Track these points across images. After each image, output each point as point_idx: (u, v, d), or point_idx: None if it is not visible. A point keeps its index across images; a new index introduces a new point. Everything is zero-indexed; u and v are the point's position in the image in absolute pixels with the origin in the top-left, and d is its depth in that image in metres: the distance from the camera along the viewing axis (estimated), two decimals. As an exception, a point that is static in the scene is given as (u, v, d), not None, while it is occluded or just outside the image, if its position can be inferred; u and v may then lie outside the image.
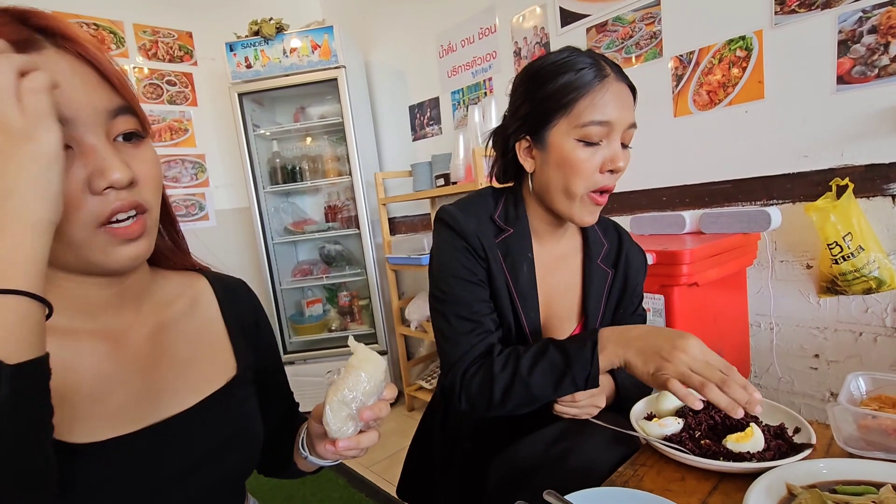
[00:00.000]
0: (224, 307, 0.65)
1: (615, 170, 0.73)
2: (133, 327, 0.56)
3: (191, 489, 0.54)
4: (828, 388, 1.48)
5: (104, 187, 0.44)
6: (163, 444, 0.53)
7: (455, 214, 0.80)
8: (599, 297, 0.86)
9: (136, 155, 0.49)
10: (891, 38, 1.26)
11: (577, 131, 0.72)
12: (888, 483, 0.51)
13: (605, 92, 0.71)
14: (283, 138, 2.78)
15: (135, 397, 0.53)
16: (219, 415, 0.58)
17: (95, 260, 0.47)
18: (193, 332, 0.61)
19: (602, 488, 0.61)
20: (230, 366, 0.63)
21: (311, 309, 2.85)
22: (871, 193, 1.33)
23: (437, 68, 2.51)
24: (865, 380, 0.67)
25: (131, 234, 0.47)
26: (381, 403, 0.55)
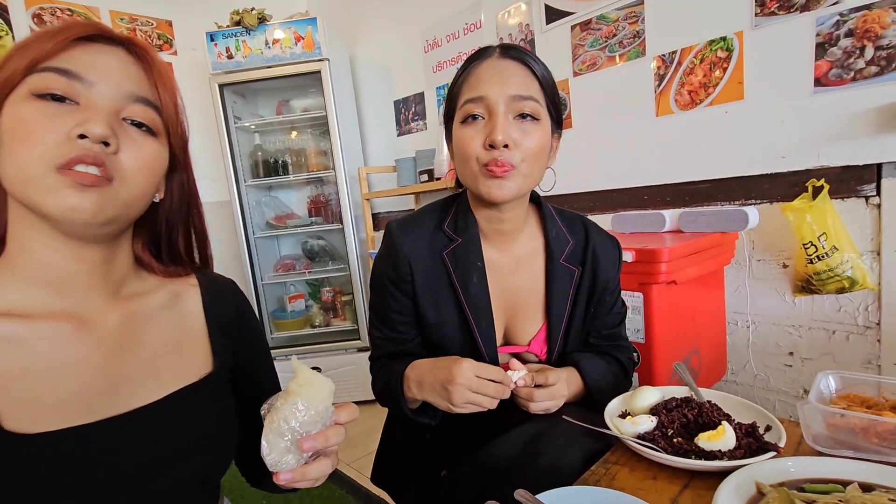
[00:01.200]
0: (207, 304, 0.64)
1: (493, 143, 0.71)
2: (103, 312, 0.54)
3: (153, 488, 0.52)
4: (801, 385, 1.50)
5: (78, 133, 0.46)
6: (122, 438, 0.50)
7: (394, 233, 0.83)
8: (565, 297, 0.85)
9: (136, 138, 0.51)
10: (867, 41, 1.28)
11: (460, 114, 0.74)
12: (855, 482, 0.52)
13: (481, 70, 0.73)
14: (266, 131, 2.74)
15: (94, 386, 0.51)
16: (187, 412, 0.56)
17: (38, 198, 0.46)
18: (170, 324, 0.60)
19: (574, 487, 0.61)
20: (205, 363, 0.61)
21: (294, 304, 2.82)
22: (846, 195, 1.36)
23: (422, 63, 2.49)
24: (835, 378, 0.68)
25: (80, 179, 0.46)
26: (330, 431, 0.51)
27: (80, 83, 0.47)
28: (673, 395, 0.76)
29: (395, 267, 0.81)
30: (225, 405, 0.61)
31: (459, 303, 0.81)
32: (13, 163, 0.46)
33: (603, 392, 0.83)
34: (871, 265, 1.34)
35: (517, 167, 0.72)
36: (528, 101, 0.72)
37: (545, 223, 0.86)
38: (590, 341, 0.90)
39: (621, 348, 0.92)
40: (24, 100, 0.46)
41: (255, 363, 0.71)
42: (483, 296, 0.81)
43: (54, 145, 0.46)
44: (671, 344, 1.26)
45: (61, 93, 0.47)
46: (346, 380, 2.55)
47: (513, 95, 0.71)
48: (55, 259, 0.51)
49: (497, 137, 0.70)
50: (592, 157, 1.88)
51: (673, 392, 0.78)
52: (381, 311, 0.87)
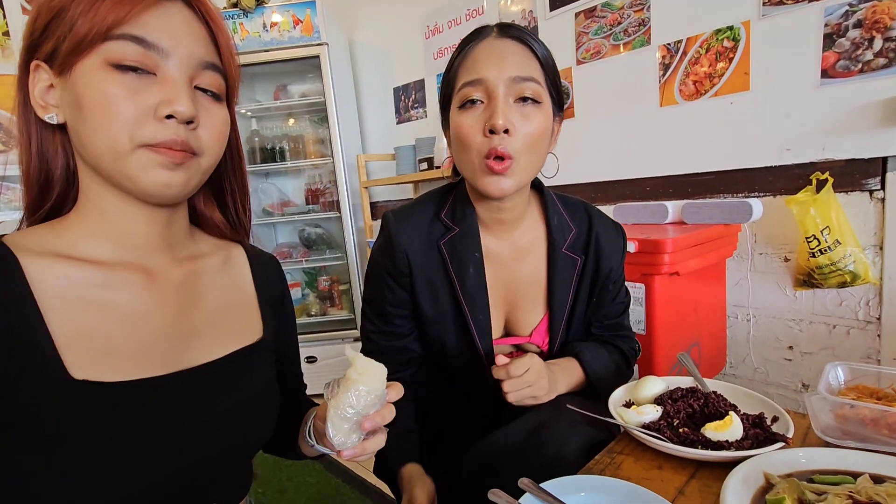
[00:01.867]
0: (256, 274, 0.66)
1: (493, 128, 0.67)
2: (168, 269, 0.56)
3: (207, 447, 0.53)
4: (801, 379, 1.50)
5: (166, 114, 0.47)
6: (190, 392, 0.52)
7: (391, 224, 0.80)
8: (567, 287, 0.82)
9: (208, 108, 0.52)
10: (875, 32, 1.27)
11: (457, 98, 0.71)
12: (865, 473, 0.51)
13: (478, 51, 0.70)
14: (263, 116, 2.70)
15: (166, 339, 0.53)
16: (243, 373, 0.58)
17: (131, 174, 0.48)
18: (225, 287, 0.62)
19: (578, 476, 0.60)
20: (256, 328, 0.63)
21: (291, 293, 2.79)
22: (850, 188, 1.35)
23: (422, 49, 2.45)
24: (844, 370, 0.67)
25: (171, 157, 0.48)
26: (385, 410, 0.54)
27: (157, 53, 0.47)
28: (678, 386, 0.75)
29: (393, 259, 0.79)
30: (271, 372, 0.63)
31: (455, 295, 0.79)
32: (101, 138, 0.47)
33: (604, 382, 0.81)
34: (873, 259, 1.34)
35: (516, 158, 0.69)
36: (529, 82, 0.69)
37: (547, 211, 0.83)
38: (592, 331, 0.88)
39: (624, 338, 0.91)
40: (101, 70, 0.46)
41: (289, 342, 0.73)
42: (480, 287, 0.79)
43: (142, 123, 0.47)
44: (672, 336, 1.25)
45: (139, 64, 0.47)
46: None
47: (513, 77, 0.68)
48: (128, 221, 0.53)
49: (497, 122, 0.66)
50: (594, 147, 1.86)
51: (678, 382, 0.77)
52: (377, 304, 0.84)
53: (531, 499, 0.55)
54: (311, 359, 2.53)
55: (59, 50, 0.46)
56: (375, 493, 1.69)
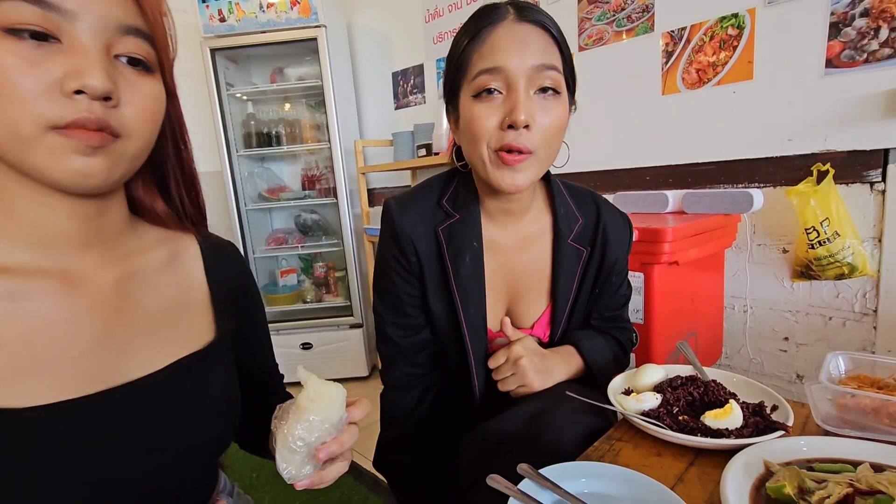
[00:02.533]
0: (209, 267, 0.59)
1: (513, 123, 0.63)
2: (97, 271, 0.49)
3: (154, 465, 0.48)
4: (795, 370, 1.51)
5: (74, 88, 0.40)
6: (124, 411, 0.46)
7: (393, 211, 0.78)
8: (571, 279, 0.81)
9: (134, 82, 0.44)
10: (882, 22, 1.25)
11: (472, 87, 0.66)
12: (865, 462, 0.51)
13: (496, 37, 0.64)
14: (259, 100, 2.66)
15: (93, 352, 0.46)
16: (192, 382, 0.52)
17: (38, 163, 0.41)
18: (170, 287, 0.55)
19: (578, 462, 0.59)
20: (208, 329, 0.56)
21: (286, 279, 2.78)
22: (851, 180, 1.34)
23: (422, 34, 2.41)
24: (845, 359, 0.67)
25: (87, 140, 0.41)
26: (344, 436, 0.49)
27: (59, 14, 0.39)
28: (677, 374, 0.75)
29: (400, 246, 0.77)
30: (229, 375, 0.57)
31: (449, 286, 0.76)
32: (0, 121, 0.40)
33: (603, 371, 0.81)
34: (871, 252, 1.33)
35: (535, 152, 0.66)
36: (552, 71, 0.65)
37: (553, 200, 0.81)
38: (591, 322, 0.88)
39: (622, 329, 0.90)
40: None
41: (255, 334, 0.67)
42: (475, 279, 0.76)
43: (46, 100, 0.39)
44: (670, 325, 1.25)
45: (39, 28, 0.39)
46: (338, 356, 2.54)
47: (535, 66, 0.63)
48: (45, 216, 0.45)
49: (520, 117, 0.62)
50: (595, 135, 1.84)
51: (677, 370, 0.77)
52: (391, 295, 0.81)
53: (530, 484, 0.54)
54: (306, 345, 2.53)
55: None
56: (369, 478, 1.69)
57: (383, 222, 0.80)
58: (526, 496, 0.52)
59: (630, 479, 0.55)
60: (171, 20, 0.49)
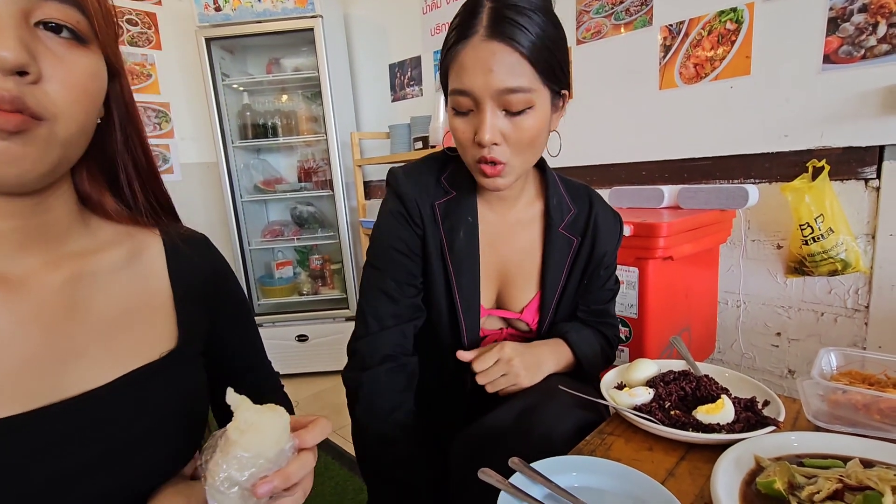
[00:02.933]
0: (173, 264, 0.54)
1: (479, 142, 0.66)
2: (40, 274, 0.44)
3: (97, 491, 0.42)
4: (787, 365, 1.52)
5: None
6: (62, 431, 0.41)
7: (399, 178, 0.79)
8: (561, 267, 0.82)
9: (61, 54, 0.39)
10: (880, 17, 1.25)
11: (450, 101, 0.69)
12: (855, 458, 0.51)
13: (465, 57, 0.65)
14: (255, 91, 2.63)
15: (31, 365, 0.41)
16: (146, 395, 0.47)
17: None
18: (125, 289, 0.49)
19: (569, 457, 0.59)
20: (169, 336, 0.51)
21: (281, 271, 2.77)
22: (846, 176, 1.34)
23: (419, 25, 2.39)
24: (837, 355, 0.67)
25: (2, 124, 0.35)
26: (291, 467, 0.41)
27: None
28: (670, 369, 0.75)
29: (406, 207, 0.78)
30: (192, 385, 0.52)
31: (444, 257, 0.78)
32: None
33: (591, 364, 0.82)
34: (864, 248, 1.34)
35: (509, 163, 0.68)
36: (517, 93, 0.64)
37: (547, 189, 0.83)
38: (578, 315, 0.88)
39: (608, 325, 0.91)
40: None
41: (234, 332, 0.62)
42: (469, 254, 0.78)
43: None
44: (664, 320, 1.26)
45: None
46: (333, 349, 2.53)
47: (500, 90, 0.64)
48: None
49: (484, 137, 0.65)
50: (591, 129, 1.83)
51: (670, 365, 0.77)
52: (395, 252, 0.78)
53: (521, 478, 0.55)
54: (302, 337, 2.53)
55: None
56: (364, 470, 1.70)
57: (388, 189, 0.82)
58: (517, 490, 0.52)
59: (621, 473, 0.55)
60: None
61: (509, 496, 0.52)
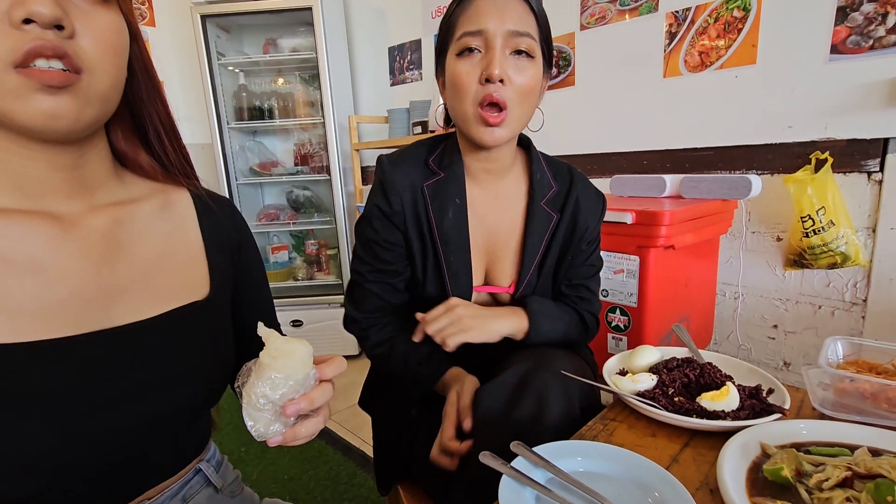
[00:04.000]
0: (203, 220, 0.58)
1: (489, 77, 0.70)
2: (86, 217, 0.48)
3: (140, 413, 0.47)
4: (783, 357, 1.52)
5: (22, 18, 0.37)
6: (111, 354, 0.45)
7: (384, 165, 0.81)
8: (540, 238, 0.84)
9: (88, 11, 0.42)
10: (890, 7, 1.23)
11: (456, 46, 0.72)
12: (863, 446, 0.50)
13: (480, 2, 0.71)
14: (251, 71, 2.58)
15: (82, 296, 0.45)
16: (183, 334, 0.51)
17: (5, 107, 0.39)
18: (162, 236, 0.53)
19: (572, 441, 0.58)
20: (203, 283, 0.55)
21: (276, 256, 2.75)
22: (849, 169, 1.34)
23: (420, 8, 2.34)
24: (843, 344, 0.66)
25: (49, 79, 0.39)
26: (314, 392, 0.46)
27: None
28: (673, 356, 0.74)
29: (388, 199, 0.80)
30: (223, 330, 0.56)
31: (432, 236, 0.80)
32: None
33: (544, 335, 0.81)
34: (864, 242, 1.34)
35: (510, 108, 0.72)
36: (525, 37, 0.71)
37: (531, 166, 0.85)
38: (561, 289, 0.89)
39: (586, 301, 0.90)
40: None
41: (251, 292, 0.65)
42: (457, 232, 0.80)
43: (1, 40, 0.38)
44: (663, 309, 1.25)
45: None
46: (328, 334, 2.52)
47: (511, 31, 0.70)
48: (26, 167, 0.44)
49: (494, 71, 0.69)
50: (593, 117, 1.81)
51: (673, 352, 0.76)
52: (372, 242, 0.83)
53: (523, 462, 0.54)
54: (296, 322, 2.51)
55: None
56: (358, 454, 1.70)
57: (376, 176, 0.84)
58: (519, 473, 0.51)
59: (625, 458, 0.54)
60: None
61: (511, 480, 0.51)
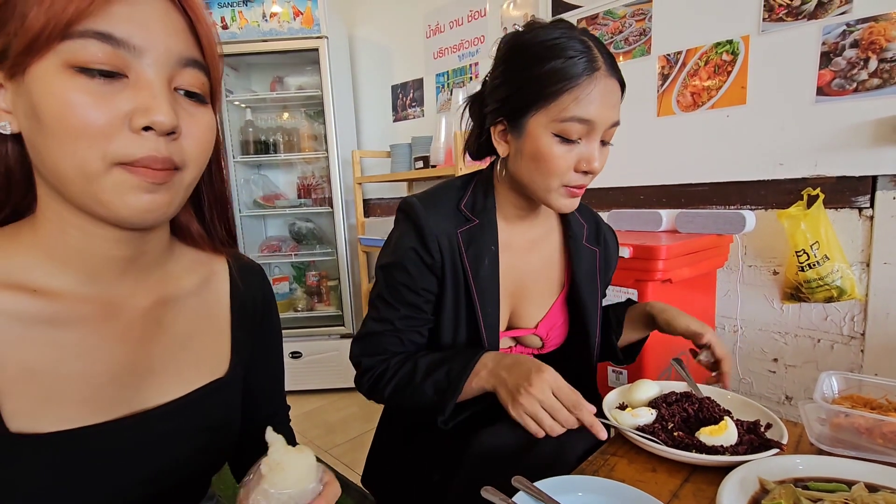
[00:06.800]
0: (235, 290, 0.59)
1: (590, 171, 0.70)
2: (132, 297, 0.49)
3: (154, 490, 0.48)
4: (784, 391, 1.52)
5: (143, 125, 0.40)
6: (131, 441, 0.46)
7: (417, 208, 0.76)
8: (593, 277, 0.85)
9: (192, 112, 0.45)
10: (871, 53, 1.29)
11: (556, 125, 0.68)
12: (860, 482, 0.51)
13: (592, 88, 0.66)
14: (258, 107, 2.67)
15: (118, 378, 0.46)
16: (202, 413, 0.52)
17: (105, 199, 0.41)
18: (197, 312, 0.55)
19: (573, 476, 0.59)
20: (225, 358, 0.56)
21: (278, 287, 2.76)
22: (840, 205, 1.37)
23: (423, 49, 2.44)
24: (838, 379, 0.67)
25: (152, 178, 0.41)
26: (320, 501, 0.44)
27: (128, 51, 0.39)
28: (672, 390, 0.75)
29: (424, 242, 0.76)
30: (235, 404, 0.57)
31: (468, 286, 0.77)
32: (67, 156, 0.39)
33: None
34: (859, 276, 1.36)
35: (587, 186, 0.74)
36: (615, 126, 0.71)
37: None
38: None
39: None
40: (62, 73, 0.38)
41: (266, 363, 0.65)
42: (492, 280, 0.78)
43: (115, 137, 0.39)
44: (662, 343, 1.26)
45: (109, 66, 0.39)
46: (327, 366, 2.51)
47: (613, 122, 0.70)
48: (93, 245, 0.45)
49: (595, 167, 0.70)
50: (591, 153, 1.86)
51: (672, 387, 0.77)
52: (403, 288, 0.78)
53: (525, 497, 0.54)
54: (295, 354, 2.50)
55: (9, 48, 0.38)
56: (356, 491, 1.66)
57: (405, 219, 0.79)
58: (522, 509, 0.51)
59: (625, 494, 0.55)
60: (221, 51, 0.49)
61: (513, 515, 0.51)
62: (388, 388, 0.77)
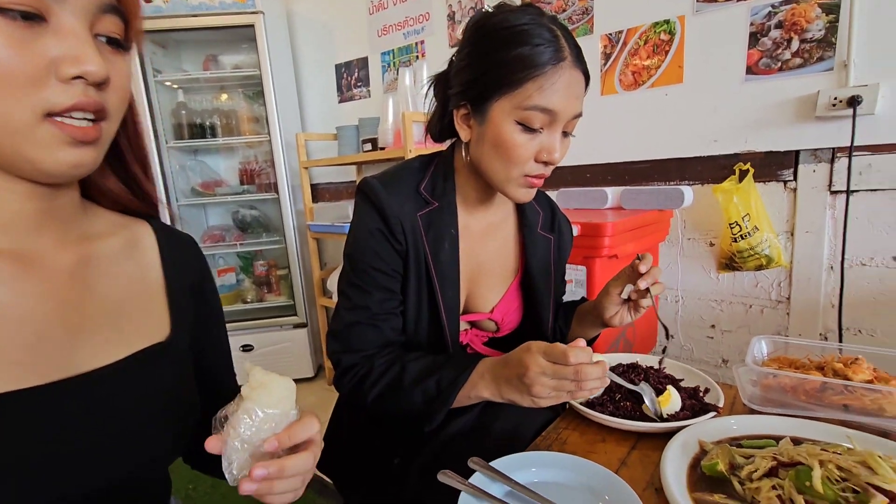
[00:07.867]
0: (166, 258, 0.56)
1: (550, 161, 0.70)
2: (53, 253, 0.47)
3: (103, 465, 0.44)
4: (721, 355, 1.63)
5: (73, 75, 0.39)
6: (76, 404, 0.43)
7: (377, 190, 0.74)
8: (547, 264, 0.86)
9: (113, 61, 0.43)
10: (793, 34, 1.36)
11: (519, 113, 0.67)
12: (786, 436, 0.55)
13: (557, 78, 0.65)
14: (191, 88, 2.50)
15: (49, 340, 0.44)
16: (148, 376, 0.49)
17: (33, 155, 0.40)
18: (126, 275, 0.52)
19: (527, 453, 0.60)
20: (164, 323, 0.54)
21: (223, 278, 2.64)
22: (768, 178, 1.46)
23: (366, 26, 2.36)
24: (767, 343, 0.72)
25: (84, 136, 0.40)
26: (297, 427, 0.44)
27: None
28: (619, 362, 0.78)
29: (388, 224, 0.74)
30: (185, 374, 0.54)
31: (429, 269, 0.76)
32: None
33: None
34: (785, 245, 1.46)
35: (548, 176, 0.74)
36: (577, 118, 0.71)
37: None
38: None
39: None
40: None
41: (209, 334, 0.63)
42: (452, 264, 0.78)
43: (41, 85, 0.38)
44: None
45: (28, 7, 0.37)
46: (281, 357, 2.45)
47: (576, 114, 0.69)
48: (4, 198, 0.43)
49: (556, 157, 0.69)
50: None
51: (618, 359, 0.80)
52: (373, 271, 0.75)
53: (481, 477, 0.55)
54: (247, 347, 2.42)
55: None
56: (315, 481, 1.65)
57: (365, 201, 0.76)
58: (477, 490, 0.52)
59: (577, 465, 0.56)
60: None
61: (469, 496, 0.52)
62: (372, 392, 0.72)
